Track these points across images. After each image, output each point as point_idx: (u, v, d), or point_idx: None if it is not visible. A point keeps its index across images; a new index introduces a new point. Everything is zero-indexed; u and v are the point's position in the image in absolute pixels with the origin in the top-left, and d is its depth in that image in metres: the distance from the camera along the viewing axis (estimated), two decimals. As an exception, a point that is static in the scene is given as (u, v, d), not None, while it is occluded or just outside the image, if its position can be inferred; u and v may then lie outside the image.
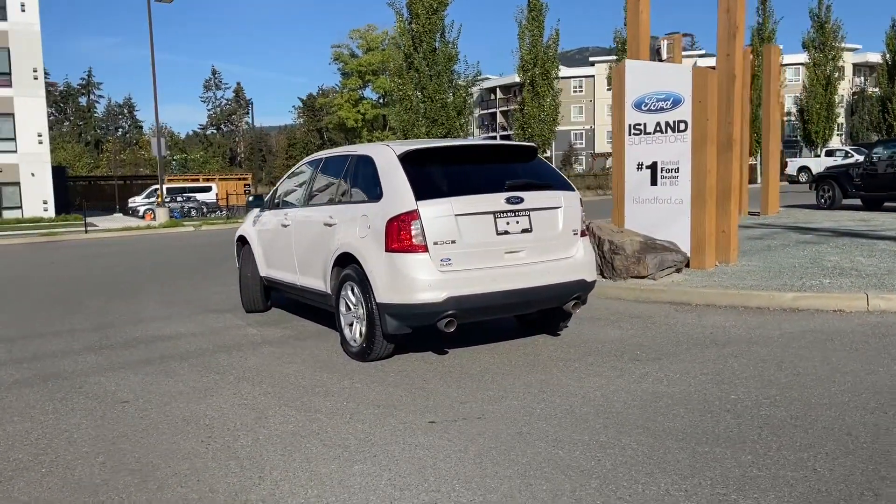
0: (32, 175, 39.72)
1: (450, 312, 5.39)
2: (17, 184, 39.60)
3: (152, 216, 38.09)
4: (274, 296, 8.26)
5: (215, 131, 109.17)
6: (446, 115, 29.95)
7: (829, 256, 9.85)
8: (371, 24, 69.49)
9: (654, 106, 9.59)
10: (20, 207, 39.49)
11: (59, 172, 45.75)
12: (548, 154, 66.13)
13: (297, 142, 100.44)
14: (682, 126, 9.35)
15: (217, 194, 46.98)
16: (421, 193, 5.46)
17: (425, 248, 5.39)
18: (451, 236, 5.44)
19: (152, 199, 42.24)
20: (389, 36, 30.28)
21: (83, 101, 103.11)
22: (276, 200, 7.76)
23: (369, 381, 5.31)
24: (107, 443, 4.21)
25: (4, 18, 39.04)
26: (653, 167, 9.68)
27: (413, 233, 5.38)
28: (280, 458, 3.89)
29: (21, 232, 27.65)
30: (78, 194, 49.73)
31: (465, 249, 5.49)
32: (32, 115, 39.94)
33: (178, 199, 44.18)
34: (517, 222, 5.70)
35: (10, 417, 4.76)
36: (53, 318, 8.54)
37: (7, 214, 38.97)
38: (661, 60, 9.91)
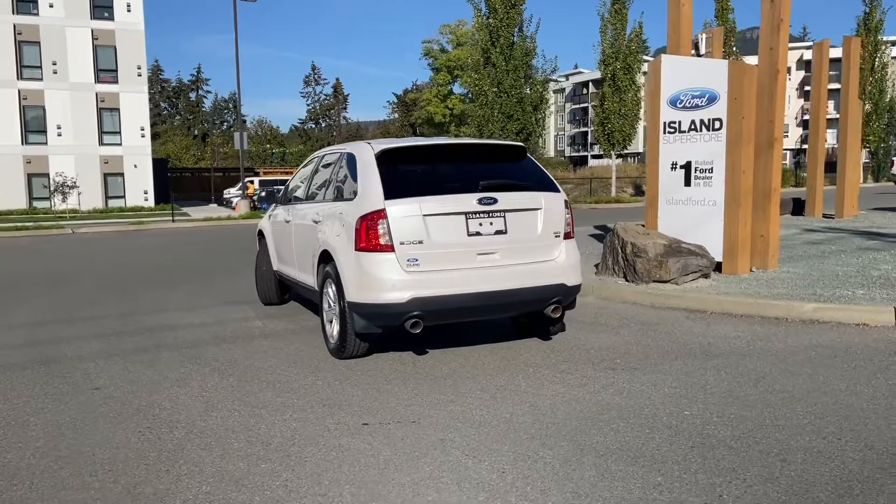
0: (135, 166, 42.06)
1: (415, 314, 5.35)
2: (122, 174, 42.05)
3: (239, 207, 39.62)
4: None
5: (314, 125, 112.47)
6: (522, 109, 29.66)
7: (882, 265, 9.18)
8: (461, 19, 69.58)
9: (689, 103, 9.19)
10: (123, 197, 41.95)
11: (160, 164, 48.22)
12: (635, 149, 64.41)
13: (388, 134, 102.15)
14: (717, 124, 8.92)
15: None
16: (391, 192, 5.44)
17: (392, 248, 5.37)
18: (418, 237, 5.39)
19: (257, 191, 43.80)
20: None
21: (193, 96, 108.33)
22: (288, 195, 7.91)
23: (332, 379, 5.34)
24: (54, 428, 4.42)
25: (111, 18, 41.42)
26: (686, 167, 9.28)
27: (380, 232, 5.37)
28: (199, 452, 3.97)
29: (114, 220, 29.38)
30: (181, 185, 52.38)
31: (433, 250, 5.43)
32: (136, 110, 42.28)
33: (269, 190, 45.43)
34: (490, 223, 5.59)
35: (-11, 399, 5.08)
36: (89, 304, 9.02)
37: (112, 203, 41.45)
38: (699, 55, 9.46)
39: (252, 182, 42.57)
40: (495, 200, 5.57)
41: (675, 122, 9.36)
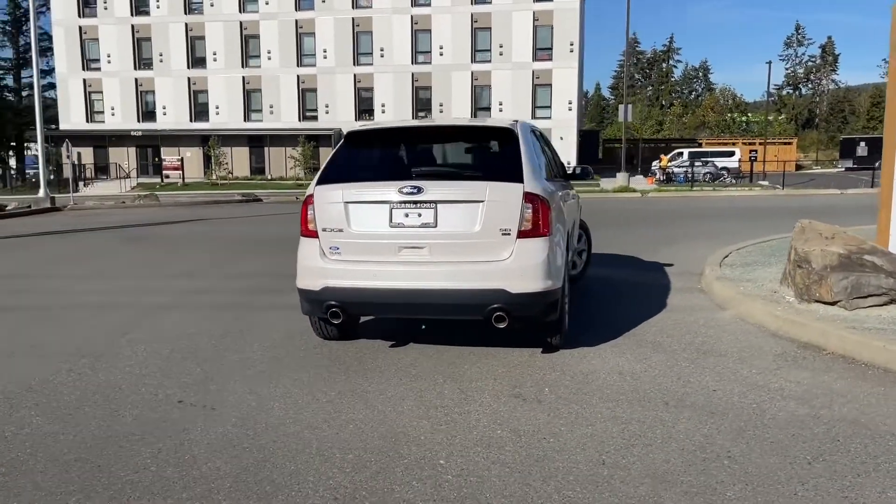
0: (561, 139, 44.63)
1: (332, 303, 5.17)
2: (551, 146, 45.10)
3: (653, 180, 39.07)
4: None
5: (791, 91, 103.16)
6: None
7: None
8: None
9: (935, 55, 6.47)
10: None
11: (591, 136, 50.24)
12: None
13: (881, 101, 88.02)
14: (965, 84, 6.13)
15: (739, 159, 45.12)
16: (326, 177, 5.34)
17: (316, 234, 5.29)
18: (339, 224, 5.19)
19: (672, 163, 42.87)
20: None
21: (664, 66, 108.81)
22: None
23: (268, 357, 5.49)
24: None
25: (551, 0, 44.26)
26: (926, 146, 6.59)
27: (308, 217, 5.33)
28: (42, 396, 4.68)
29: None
30: (612, 155, 53.85)
31: (353, 239, 5.17)
32: (566, 85, 44.75)
33: (697, 163, 43.57)
34: (418, 215, 5.04)
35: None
36: (246, 260, 10.43)
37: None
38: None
39: (665, 154, 41.51)
40: (420, 190, 4.99)
41: (917, 84, 6.68)
